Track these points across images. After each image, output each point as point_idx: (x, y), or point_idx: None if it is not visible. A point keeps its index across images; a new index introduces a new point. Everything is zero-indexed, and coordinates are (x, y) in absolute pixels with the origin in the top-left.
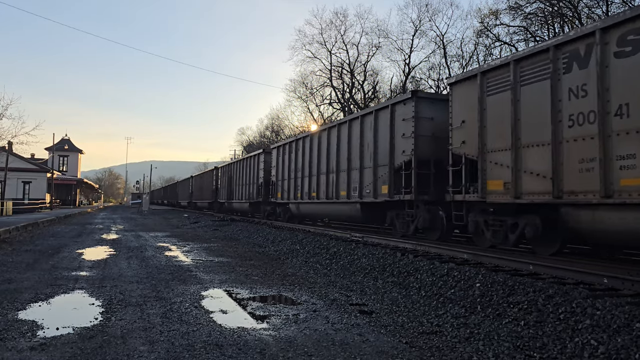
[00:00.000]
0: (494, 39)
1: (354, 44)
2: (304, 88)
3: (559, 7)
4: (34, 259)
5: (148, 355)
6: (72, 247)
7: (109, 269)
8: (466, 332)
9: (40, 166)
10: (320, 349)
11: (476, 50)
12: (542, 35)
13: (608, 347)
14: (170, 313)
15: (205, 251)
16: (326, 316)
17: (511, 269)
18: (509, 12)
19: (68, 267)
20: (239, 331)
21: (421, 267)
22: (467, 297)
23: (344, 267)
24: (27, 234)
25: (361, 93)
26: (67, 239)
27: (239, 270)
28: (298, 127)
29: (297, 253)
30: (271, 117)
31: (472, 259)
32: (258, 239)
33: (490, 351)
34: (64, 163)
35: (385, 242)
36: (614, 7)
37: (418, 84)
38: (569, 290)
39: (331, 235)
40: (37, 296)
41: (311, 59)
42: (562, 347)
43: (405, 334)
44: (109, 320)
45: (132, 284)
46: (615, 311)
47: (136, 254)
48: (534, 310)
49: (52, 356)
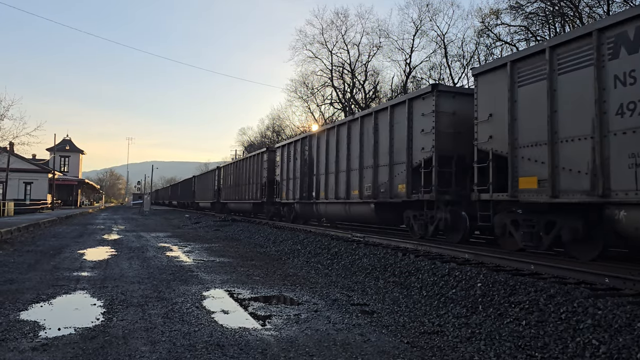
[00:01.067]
0: (494, 38)
1: (354, 44)
2: (305, 88)
3: (560, 6)
4: (35, 259)
5: (150, 355)
6: (73, 247)
7: (111, 270)
8: (468, 332)
9: (42, 167)
10: (322, 349)
11: (477, 50)
12: (543, 35)
13: (609, 347)
14: (171, 313)
15: (207, 251)
16: (327, 316)
17: (512, 268)
18: (509, 12)
19: (69, 267)
20: (240, 331)
21: (422, 267)
22: (469, 297)
23: (345, 267)
24: (29, 234)
25: (362, 93)
26: (68, 239)
27: (240, 270)
28: (299, 127)
29: (299, 253)
30: (272, 117)
31: (474, 259)
32: (259, 239)
33: (491, 351)
34: (65, 163)
35: (387, 242)
36: (615, 7)
37: (419, 84)
38: (570, 290)
39: (332, 235)
40: (38, 297)
41: (312, 59)
42: (564, 346)
43: (406, 334)
44: (110, 321)
45: (133, 284)
46: (616, 311)
47: (137, 254)
48: (536, 310)
49: (54, 357)
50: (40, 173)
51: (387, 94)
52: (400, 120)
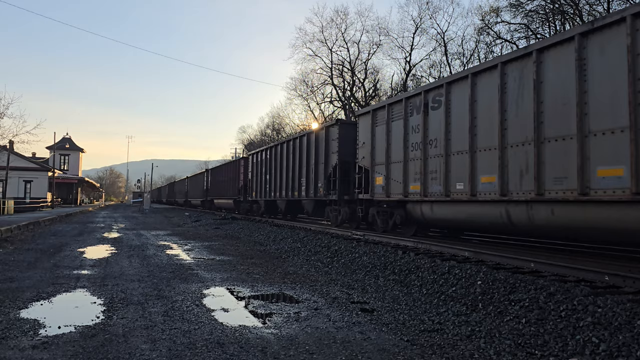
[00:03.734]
0: (494, 36)
1: (354, 42)
2: (305, 86)
3: (560, 4)
4: (35, 257)
5: (150, 353)
6: (73, 245)
7: (111, 268)
8: (467, 330)
9: (42, 165)
10: (322, 347)
11: (477, 47)
12: (544, 33)
13: (609, 345)
14: (171, 311)
15: (207, 249)
16: (327, 314)
17: (512, 266)
18: (509, 10)
19: (69, 265)
20: (240, 329)
21: (422, 265)
22: (469, 294)
23: (345, 265)
24: (29, 232)
25: (362, 91)
26: (68, 237)
27: (240, 268)
28: (299, 126)
29: (298, 251)
30: (272, 116)
31: (474, 257)
32: (259, 237)
33: (491, 349)
34: (65, 162)
35: (387, 240)
36: (615, 4)
37: (419, 82)
38: (570, 288)
39: (332, 233)
40: (38, 295)
41: (312, 57)
42: (564, 344)
43: (406, 332)
44: (110, 319)
45: (133, 282)
46: (616, 308)
47: (137, 252)
48: (535, 308)
49: (54, 355)
50: (40, 171)
51: (387, 92)
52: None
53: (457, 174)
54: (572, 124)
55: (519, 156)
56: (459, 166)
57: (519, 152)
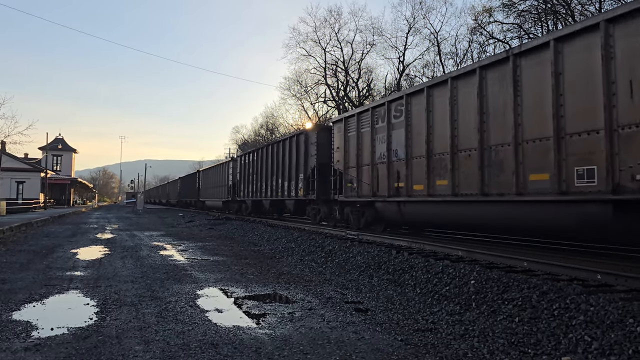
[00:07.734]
0: (487, 36)
1: (348, 41)
2: (299, 86)
3: (552, 4)
4: (28, 259)
5: (143, 355)
6: (66, 247)
7: (104, 269)
8: (461, 329)
9: (34, 166)
10: (316, 347)
11: (470, 47)
12: (536, 32)
13: (602, 343)
14: (165, 312)
15: (201, 250)
16: (322, 314)
17: (506, 265)
18: (502, 10)
19: (62, 267)
20: (234, 330)
21: (416, 265)
22: (462, 294)
23: (339, 265)
24: (21, 234)
25: (356, 91)
26: (61, 238)
27: (234, 269)
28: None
29: (292, 251)
30: (266, 116)
31: (467, 256)
32: (253, 237)
33: (485, 348)
34: (58, 162)
35: (380, 240)
36: (607, 4)
37: (412, 82)
38: (563, 287)
39: (326, 233)
40: (31, 296)
41: (305, 57)
42: (556, 343)
43: (400, 332)
44: (103, 320)
45: (126, 283)
46: (608, 307)
47: (131, 253)
48: (529, 306)
49: (47, 357)
50: (32, 172)
51: (380, 91)
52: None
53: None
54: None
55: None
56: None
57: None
